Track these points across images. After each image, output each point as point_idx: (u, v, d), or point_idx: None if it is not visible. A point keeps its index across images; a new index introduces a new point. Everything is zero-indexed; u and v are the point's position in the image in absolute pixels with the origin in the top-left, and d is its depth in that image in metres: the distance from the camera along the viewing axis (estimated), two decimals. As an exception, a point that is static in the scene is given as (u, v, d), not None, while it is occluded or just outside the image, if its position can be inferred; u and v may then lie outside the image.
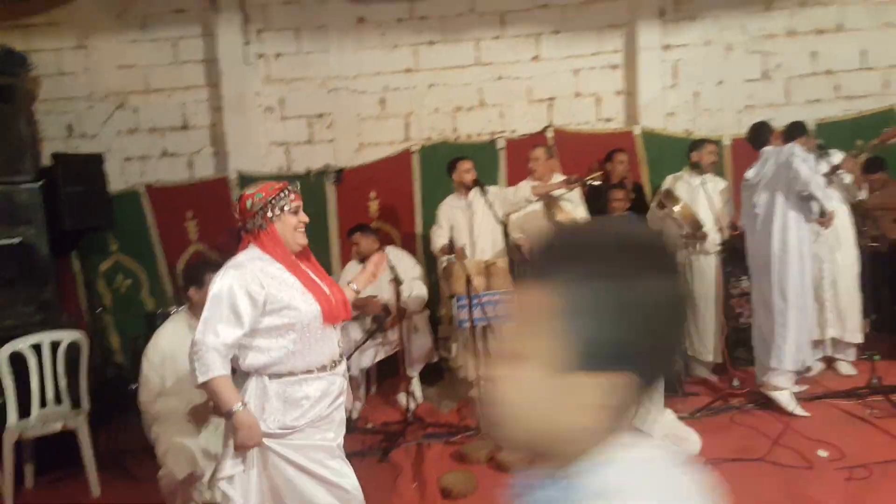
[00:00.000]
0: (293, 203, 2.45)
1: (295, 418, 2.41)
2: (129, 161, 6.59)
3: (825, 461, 3.58)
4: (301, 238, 2.49)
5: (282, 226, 2.43)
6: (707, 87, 6.70)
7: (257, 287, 2.32)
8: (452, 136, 6.64)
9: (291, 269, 2.42)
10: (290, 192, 2.45)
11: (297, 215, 2.46)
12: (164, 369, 3.47)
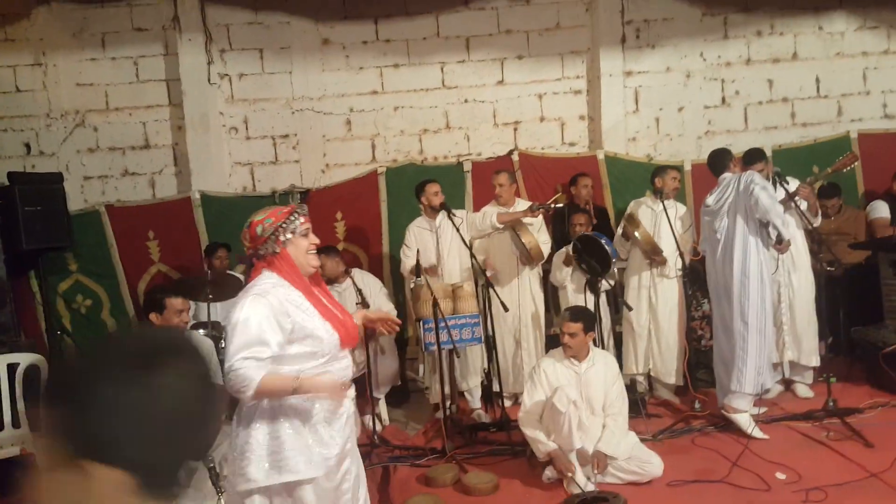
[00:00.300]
0: (303, 226, 2.45)
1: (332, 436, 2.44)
2: (89, 180, 6.53)
3: (783, 483, 3.68)
4: (314, 260, 2.49)
5: (294, 249, 2.42)
6: (667, 113, 6.90)
7: (283, 316, 2.32)
8: (419, 158, 6.71)
9: (308, 297, 2.42)
10: (299, 216, 2.45)
11: (307, 237, 2.47)
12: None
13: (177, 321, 3.62)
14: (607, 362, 4.10)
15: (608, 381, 4.02)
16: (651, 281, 5.26)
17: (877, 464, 3.73)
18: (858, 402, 4.70)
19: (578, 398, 3.86)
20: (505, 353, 5.31)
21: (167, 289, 3.84)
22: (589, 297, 4.96)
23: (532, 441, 3.90)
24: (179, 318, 3.62)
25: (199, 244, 6.21)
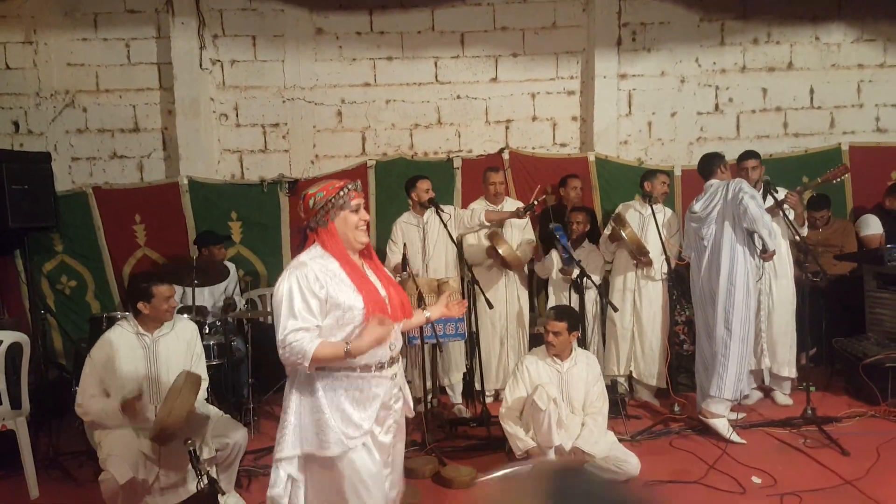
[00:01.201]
0: (353, 201, 2.48)
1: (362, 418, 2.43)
2: (77, 161, 6.58)
3: (758, 487, 3.79)
4: (362, 236, 2.52)
5: (342, 224, 2.47)
6: (660, 118, 7.02)
7: (318, 286, 2.37)
8: (409, 153, 6.79)
9: (347, 267, 2.44)
10: (350, 191, 2.49)
11: (357, 213, 2.49)
12: (108, 373, 3.53)
13: (165, 308, 3.68)
14: (589, 362, 4.20)
15: (589, 381, 4.11)
16: (636, 283, 5.37)
17: (852, 472, 3.86)
18: (837, 412, 4.85)
19: (559, 396, 3.95)
20: (488, 351, 5.41)
21: (153, 276, 3.88)
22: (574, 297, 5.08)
23: (511, 437, 3.99)
24: (168, 305, 3.69)
25: (185, 229, 6.27)
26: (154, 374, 3.64)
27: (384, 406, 2.49)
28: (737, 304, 4.61)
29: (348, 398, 2.42)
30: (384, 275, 2.62)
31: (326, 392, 2.42)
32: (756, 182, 5.06)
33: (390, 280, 2.62)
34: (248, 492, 3.99)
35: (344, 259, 2.45)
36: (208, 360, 4.48)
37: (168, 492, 3.55)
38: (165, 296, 3.67)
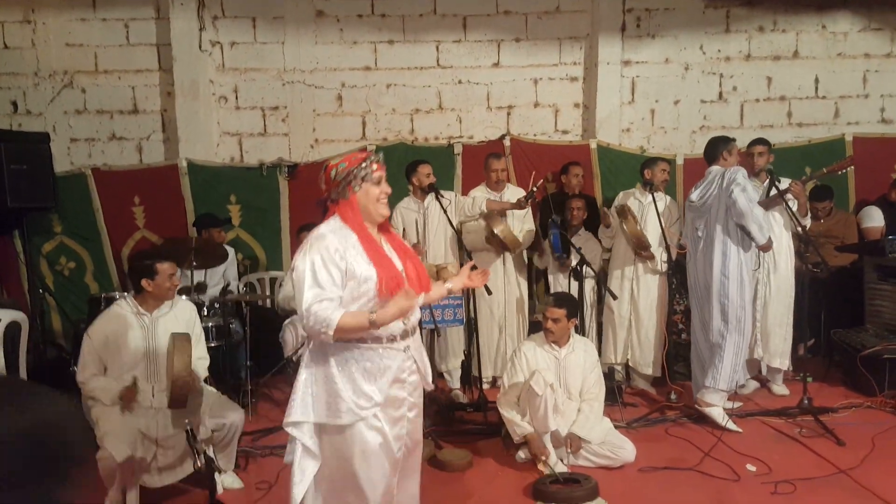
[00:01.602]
0: (375, 173, 2.49)
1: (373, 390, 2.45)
2: (76, 142, 6.61)
3: (753, 475, 3.85)
4: (383, 209, 2.53)
5: (364, 196, 2.48)
6: (663, 106, 7.04)
7: (338, 257, 2.40)
8: (410, 138, 6.82)
9: (364, 240, 2.46)
10: (372, 163, 2.49)
11: (379, 186, 2.51)
12: (107, 352, 3.58)
13: (168, 285, 3.71)
14: (587, 349, 4.25)
15: (587, 368, 4.17)
16: (635, 272, 5.41)
17: (847, 461, 3.91)
18: (833, 402, 4.89)
19: (556, 382, 4.01)
20: (487, 338, 5.46)
21: (155, 254, 3.93)
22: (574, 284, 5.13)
23: (508, 422, 4.05)
24: (171, 283, 3.72)
25: (184, 212, 6.33)
26: (153, 353, 3.67)
27: (396, 379, 2.50)
28: (731, 295, 4.63)
29: (360, 369, 2.44)
30: (402, 248, 2.63)
31: (339, 363, 2.44)
32: (761, 170, 5.07)
33: (408, 253, 2.62)
34: (246, 472, 4.05)
35: (362, 232, 2.46)
36: (206, 342, 4.52)
37: (165, 471, 3.60)
38: (168, 273, 3.70)
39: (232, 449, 3.85)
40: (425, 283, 2.60)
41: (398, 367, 2.50)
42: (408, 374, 2.55)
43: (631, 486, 3.77)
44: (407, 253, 2.62)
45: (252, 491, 3.80)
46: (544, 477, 3.72)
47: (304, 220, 6.06)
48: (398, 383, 2.51)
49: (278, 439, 4.58)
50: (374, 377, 2.45)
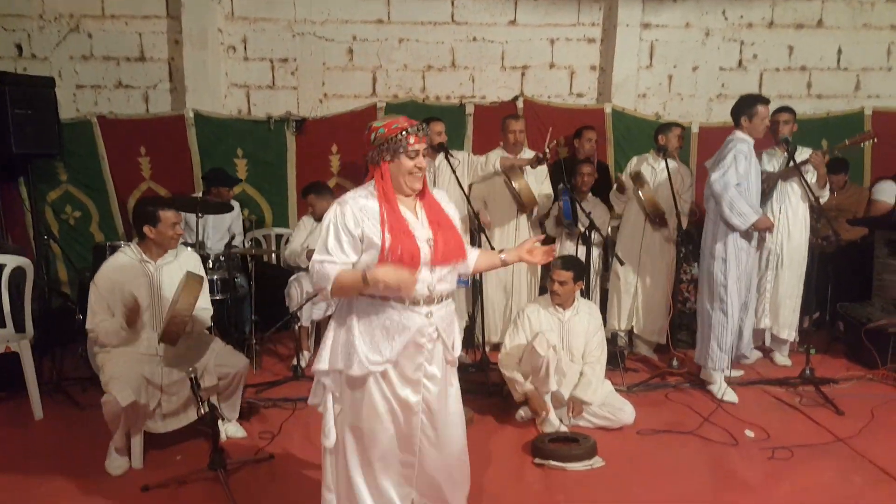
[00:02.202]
0: (412, 147, 2.47)
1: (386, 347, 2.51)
2: (82, 89, 6.64)
3: (751, 440, 3.97)
4: (415, 182, 2.53)
5: (396, 167, 2.49)
6: (681, 72, 7.03)
7: (353, 224, 2.46)
8: (420, 96, 6.84)
9: (386, 207, 2.48)
10: (409, 135, 2.47)
11: (413, 159, 2.49)
12: (113, 298, 3.66)
13: (171, 234, 3.79)
14: (591, 312, 4.35)
15: (590, 331, 4.27)
16: (643, 239, 5.47)
17: (845, 430, 4.02)
18: (835, 374, 5.00)
19: (559, 344, 4.12)
20: (493, 302, 5.55)
21: (158, 201, 4.00)
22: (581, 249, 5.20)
23: (510, 381, 4.17)
24: (174, 231, 3.79)
25: (191, 164, 6.38)
26: (157, 301, 3.76)
27: (414, 343, 2.53)
28: (715, 275, 4.67)
29: (379, 326, 2.51)
30: (437, 216, 2.59)
31: (360, 317, 2.52)
32: (784, 139, 5.06)
33: (443, 222, 2.58)
34: (250, 423, 4.18)
35: (385, 200, 2.49)
36: (211, 295, 4.62)
37: (169, 417, 3.73)
38: (171, 221, 3.76)
39: (236, 398, 3.97)
40: (456, 252, 2.57)
41: (417, 331, 2.52)
42: (427, 340, 2.55)
43: (629, 447, 3.88)
44: (442, 221, 2.58)
45: (255, 440, 3.92)
46: (543, 435, 3.85)
47: (312, 177, 6.13)
48: (415, 346, 2.54)
49: (282, 392, 4.73)
50: (392, 336, 2.51)
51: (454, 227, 2.62)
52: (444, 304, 2.60)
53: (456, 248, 2.57)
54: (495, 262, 2.85)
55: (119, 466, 3.56)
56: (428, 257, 2.49)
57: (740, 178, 4.53)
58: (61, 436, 4.06)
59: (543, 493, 3.33)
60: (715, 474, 3.60)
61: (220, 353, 3.87)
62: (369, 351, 2.51)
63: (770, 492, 3.32)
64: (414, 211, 2.57)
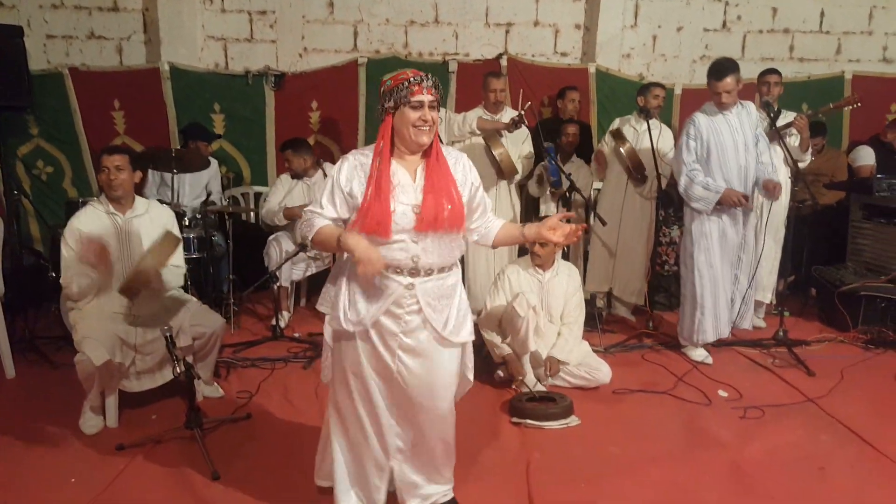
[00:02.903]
0: (415, 96, 2.33)
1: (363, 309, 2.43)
2: (52, 39, 6.43)
3: (724, 400, 4.01)
4: (420, 136, 2.36)
5: (399, 119, 2.36)
6: (665, 32, 6.94)
7: (344, 180, 2.39)
8: (403, 52, 6.70)
9: (379, 167, 2.36)
10: (412, 85, 2.34)
11: (418, 111, 2.35)
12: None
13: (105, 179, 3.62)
14: (570, 273, 4.34)
15: (569, 292, 4.27)
16: (624, 201, 5.45)
17: (815, 390, 4.07)
18: (807, 336, 5.06)
19: (538, 305, 4.12)
20: (476, 269, 5.48)
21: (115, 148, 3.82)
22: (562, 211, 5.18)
23: (489, 343, 4.17)
24: (114, 177, 3.61)
25: (166, 119, 6.24)
26: (127, 254, 3.66)
27: (390, 312, 2.43)
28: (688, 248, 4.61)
29: (360, 287, 2.44)
30: (439, 182, 2.40)
31: (350, 276, 2.46)
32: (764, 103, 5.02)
33: (443, 188, 2.39)
34: (227, 382, 4.16)
35: (380, 156, 2.37)
36: (187, 254, 4.56)
37: (144, 376, 3.68)
38: (113, 165, 3.61)
39: (212, 358, 3.92)
40: (445, 223, 2.37)
41: (394, 301, 2.41)
42: (406, 311, 2.43)
43: (605, 406, 3.91)
44: (439, 189, 2.39)
45: (233, 400, 3.90)
46: (520, 395, 3.86)
47: (291, 133, 6.01)
48: (391, 316, 2.44)
49: (260, 352, 4.70)
50: (371, 300, 2.43)
51: (454, 196, 2.41)
52: (432, 278, 2.43)
53: (450, 218, 2.37)
54: (516, 235, 2.62)
55: (94, 425, 3.52)
56: (411, 225, 2.34)
57: (698, 157, 4.48)
58: (34, 395, 4.01)
59: (520, 451, 3.35)
60: (688, 433, 3.63)
61: (195, 312, 3.79)
62: (349, 309, 2.46)
63: (741, 450, 3.36)
64: (413, 173, 2.42)
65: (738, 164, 4.48)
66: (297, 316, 5.59)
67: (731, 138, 4.47)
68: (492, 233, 2.63)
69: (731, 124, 4.47)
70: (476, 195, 2.54)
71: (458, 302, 2.53)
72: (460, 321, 2.53)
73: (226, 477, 3.02)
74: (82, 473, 3.09)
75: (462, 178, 2.49)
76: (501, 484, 2.98)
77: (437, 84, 2.41)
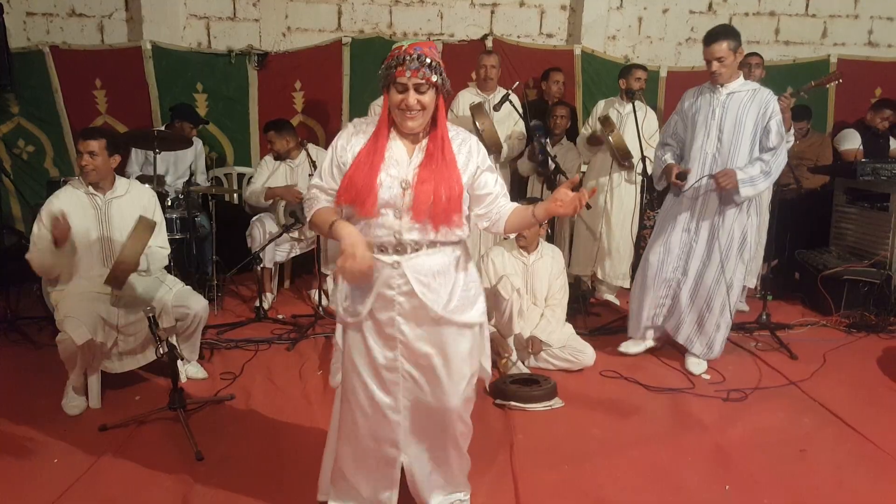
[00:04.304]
0: (399, 78, 2.14)
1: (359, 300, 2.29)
2: (32, 17, 6.31)
3: (707, 383, 4.03)
4: (405, 120, 2.19)
5: (389, 99, 2.20)
6: (651, 13, 6.91)
7: (340, 150, 2.26)
8: (387, 32, 6.63)
9: (370, 144, 2.23)
10: (394, 67, 2.14)
11: (400, 94, 2.16)
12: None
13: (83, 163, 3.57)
14: (554, 256, 4.33)
15: (553, 275, 4.26)
16: (609, 185, 5.44)
17: (798, 374, 4.09)
18: (790, 320, 5.10)
19: (523, 287, 4.11)
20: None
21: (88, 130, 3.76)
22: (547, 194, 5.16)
23: (473, 324, 4.16)
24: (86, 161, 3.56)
25: (148, 98, 6.16)
26: (107, 235, 3.63)
27: (382, 296, 2.27)
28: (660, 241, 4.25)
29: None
30: (438, 164, 2.21)
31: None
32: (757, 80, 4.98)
33: (438, 175, 2.20)
34: (210, 363, 4.12)
35: (374, 135, 2.23)
36: (170, 234, 4.51)
37: (127, 356, 3.65)
38: (87, 150, 3.55)
39: (195, 339, 3.89)
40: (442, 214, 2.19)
41: (383, 282, 2.25)
42: (397, 293, 2.25)
43: (589, 388, 3.91)
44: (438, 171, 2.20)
45: (216, 381, 3.88)
46: (504, 376, 3.86)
47: (275, 114, 5.94)
48: (383, 300, 2.27)
49: (244, 333, 4.67)
50: (364, 287, 2.28)
51: (451, 181, 2.21)
52: (420, 253, 2.24)
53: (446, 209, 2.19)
54: (528, 218, 2.35)
55: (76, 406, 3.48)
56: (399, 202, 2.18)
57: (675, 133, 4.21)
58: (17, 375, 3.96)
59: (503, 433, 3.35)
60: (671, 415, 3.64)
61: (178, 293, 3.76)
62: (346, 301, 2.34)
63: (724, 432, 3.38)
64: (410, 151, 2.25)
65: (701, 151, 4.01)
66: (280, 298, 5.56)
67: (705, 120, 4.00)
68: (503, 220, 2.37)
69: (716, 104, 3.96)
70: (480, 179, 2.31)
71: (462, 278, 2.32)
72: (467, 300, 2.33)
73: (209, 457, 3.00)
74: (65, 454, 3.06)
75: (465, 161, 2.28)
76: (485, 466, 2.97)
77: (431, 64, 2.15)
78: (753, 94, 3.92)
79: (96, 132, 3.66)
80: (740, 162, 3.91)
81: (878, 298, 5.13)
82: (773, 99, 3.91)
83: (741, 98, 3.93)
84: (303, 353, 4.33)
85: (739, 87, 3.96)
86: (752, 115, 3.90)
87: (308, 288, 5.70)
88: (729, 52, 3.85)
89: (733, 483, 2.90)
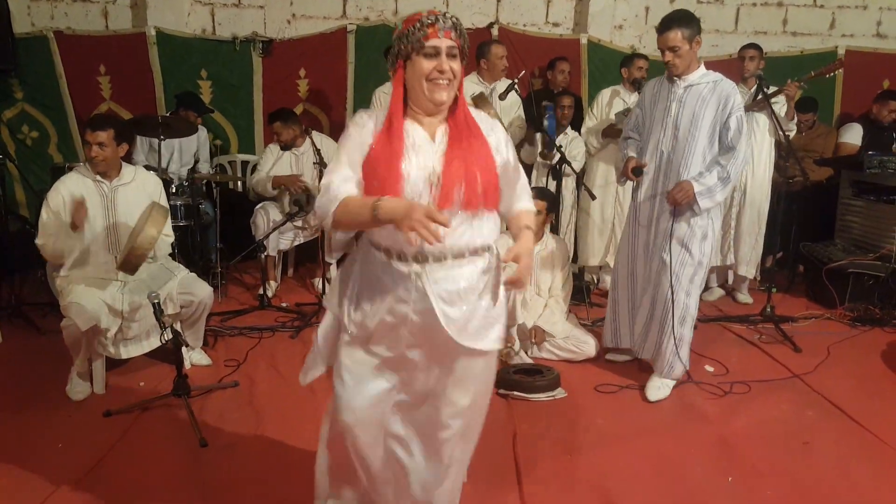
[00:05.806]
0: (430, 41, 1.86)
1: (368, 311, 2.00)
2: (37, 2, 6.28)
3: (710, 375, 4.03)
4: (436, 92, 1.89)
5: (411, 70, 1.91)
6: (658, 3, 6.87)
7: (347, 140, 1.96)
8: (393, 20, 6.60)
9: (388, 127, 1.92)
10: (425, 27, 1.86)
11: (433, 60, 1.87)
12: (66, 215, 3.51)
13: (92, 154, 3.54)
14: (559, 247, 4.32)
15: (557, 265, 4.26)
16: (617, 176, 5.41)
17: (801, 366, 4.09)
18: (794, 313, 5.08)
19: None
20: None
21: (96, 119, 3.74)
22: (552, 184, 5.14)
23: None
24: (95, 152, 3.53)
25: (153, 85, 6.14)
26: (112, 222, 3.62)
27: (391, 310, 1.96)
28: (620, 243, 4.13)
29: (368, 283, 2.01)
30: (467, 148, 1.92)
31: (362, 266, 2.04)
32: (751, 75, 4.98)
33: (471, 156, 1.91)
34: (214, 350, 4.14)
35: (392, 114, 1.93)
36: (175, 221, 4.51)
37: (132, 343, 3.67)
38: (96, 141, 3.54)
39: (200, 326, 3.91)
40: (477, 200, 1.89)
41: (397, 296, 1.94)
42: (412, 310, 1.95)
43: (591, 378, 3.92)
44: (468, 157, 1.90)
45: (220, 368, 3.89)
46: (507, 366, 3.86)
47: (279, 101, 5.94)
48: (392, 315, 1.97)
49: (247, 320, 4.68)
50: (374, 297, 1.98)
51: (487, 165, 1.93)
52: (445, 265, 1.91)
53: (484, 191, 1.89)
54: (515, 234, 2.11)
55: (80, 392, 3.50)
56: (427, 197, 1.87)
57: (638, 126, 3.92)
58: (21, 361, 3.98)
59: (507, 423, 3.35)
60: (674, 407, 3.64)
61: (183, 280, 3.77)
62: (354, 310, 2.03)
63: (727, 424, 3.38)
64: (432, 134, 1.95)
65: (657, 149, 3.72)
66: (284, 285, 5.57)
67: (662, 115, 3.69)
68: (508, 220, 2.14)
69: (672, 98, 3.65)
70: (507, 173, 2.02)
71: (487, 299, 1.99)
72: (486, 322, 2.01)
73: (213, 444, 3.01)
74: (69, 439, 3.07)
75: (495, 145, 1.99)
76: (488, 455, 2.98)
77: (457, 26, 1.90)
78: (714, 87, 3.56)
79: (105, 122, 3.63)
80: (695, 161, 3.58)
81: (882, 292, 5.11)
82: (734, 92, 3.56)
83: (700, 91, 3.57)
84: (306, 342, 4.34)
85: (699, 78, 3.59)
86: (710, 110, 3.55)
87: (311, 276, 5.71)
88: (683, 41, 3.51)
89: (736, 475, 2.91)
